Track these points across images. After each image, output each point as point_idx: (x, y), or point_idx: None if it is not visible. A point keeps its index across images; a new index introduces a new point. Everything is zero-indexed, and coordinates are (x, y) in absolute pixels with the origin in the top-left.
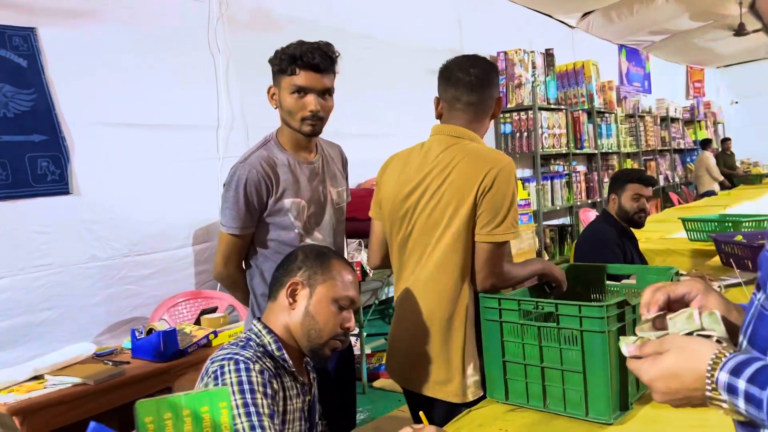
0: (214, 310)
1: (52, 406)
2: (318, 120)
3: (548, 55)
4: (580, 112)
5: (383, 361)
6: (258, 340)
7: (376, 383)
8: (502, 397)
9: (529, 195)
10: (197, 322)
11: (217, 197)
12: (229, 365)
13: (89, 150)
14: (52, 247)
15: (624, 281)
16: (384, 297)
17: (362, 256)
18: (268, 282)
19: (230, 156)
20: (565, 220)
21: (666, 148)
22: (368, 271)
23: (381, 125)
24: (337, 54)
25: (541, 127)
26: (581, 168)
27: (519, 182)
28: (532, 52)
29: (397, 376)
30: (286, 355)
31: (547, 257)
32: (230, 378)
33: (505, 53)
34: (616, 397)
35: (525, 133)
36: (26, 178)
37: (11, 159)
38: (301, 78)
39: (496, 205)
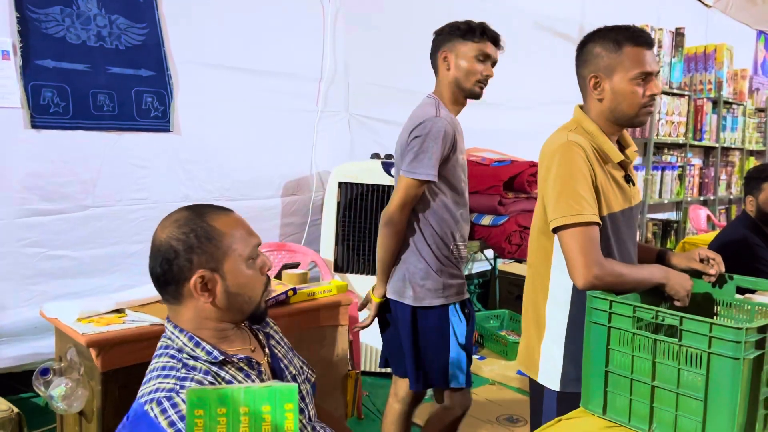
0: (296, 266)
1: (128, 342)
2: (486, 85)
3: (678, 35)
4: (705, 100)
5: None
6: (175, 346)
7: None
8: (599, 410)
9: None
10: (278, 276)
11: (311, 150)
12: (153, 409)
13: (192, 90)
14: (148, 182)
15: (751, 296)
16: (466, 273)
17: None
18: (426, 239)
19: (328, 110)
20: (671, 215)
21: None
22: None
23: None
24: None
25: (659, 112)
26: (696, 161)
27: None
28: (660, 29)
29: None
30: (207, 346)
31: None
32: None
33: None
34: None
35: None
36: (131, 112)
37: (119, 91)
38: (488, 47)
39: (543, 192)
